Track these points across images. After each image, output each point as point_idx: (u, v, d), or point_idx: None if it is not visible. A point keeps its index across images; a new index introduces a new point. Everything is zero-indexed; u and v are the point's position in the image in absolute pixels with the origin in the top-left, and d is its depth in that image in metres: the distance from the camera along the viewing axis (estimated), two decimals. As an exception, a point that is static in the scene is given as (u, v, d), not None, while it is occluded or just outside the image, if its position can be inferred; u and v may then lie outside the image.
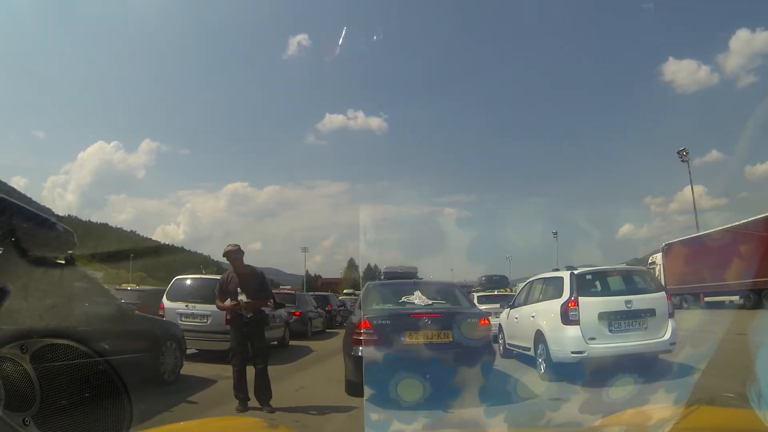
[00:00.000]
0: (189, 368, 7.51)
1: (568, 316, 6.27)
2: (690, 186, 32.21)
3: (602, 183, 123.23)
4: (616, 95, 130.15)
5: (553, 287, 7.10)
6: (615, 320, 6.22)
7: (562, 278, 6.81)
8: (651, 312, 6.35)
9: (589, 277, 6.82)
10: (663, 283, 16.62)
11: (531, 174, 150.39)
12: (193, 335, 8.52)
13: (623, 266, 8.52)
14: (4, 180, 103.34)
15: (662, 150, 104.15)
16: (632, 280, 7.01)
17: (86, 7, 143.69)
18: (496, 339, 7.85)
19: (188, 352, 8.75)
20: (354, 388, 5.49)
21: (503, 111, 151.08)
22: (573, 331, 6.19)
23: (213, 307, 8.67)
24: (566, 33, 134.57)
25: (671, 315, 6.53)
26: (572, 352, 6.10)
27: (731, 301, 17.34)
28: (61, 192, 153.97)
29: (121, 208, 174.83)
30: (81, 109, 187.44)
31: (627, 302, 6.30)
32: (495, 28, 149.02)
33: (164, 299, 9.15)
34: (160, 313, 9.04)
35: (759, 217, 17.31)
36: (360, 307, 5.89)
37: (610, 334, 6.20)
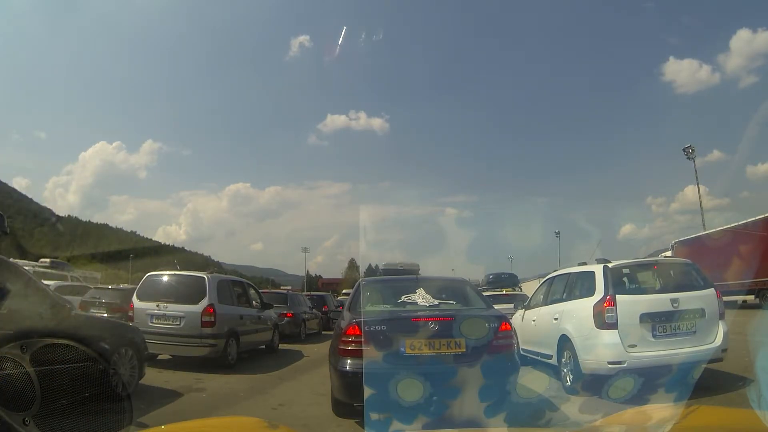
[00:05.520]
0: (156, 377, 6.53)
1: (603, 319, 5.18)
2: (693, 185, 31.56)
3: (603, 183, 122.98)
4: (617, 95, 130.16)
5: (581, 284, 6.00)
6: (660, 323, 5.14)
7: (593, 273, 5.69)
8: (700, 312, 5.28)
9: (626, 270, 5.73)
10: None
11: (532, 174, 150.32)
12: (165, 339, 7.51)
13: (665, 258, 7.42)
14: (5, 180, 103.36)
15: (663, 150, 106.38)
16: (676, 275, 5.88)
17: (88, 8, 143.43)
18: None
19: (160, 358, 7.78)
20: (342, 408, 4.45)
21: (504, 111, 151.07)
22: (610, 336, 5.11)
23: (187, 308, 7.70)
24: (567, 33, 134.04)
25: (722, 316, 5.45)
26: (609, 363, 5.01)
27: (744, 301, 16.40)
28: (62, 192, 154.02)
29: (123, 208, 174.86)
30: (83, 109, 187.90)
31: (673, 301, 5.21)
32: (496, 29, 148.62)
33: (134, 298, 8.11)
34: (129, 314, 8.06)
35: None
36: (349, 309, 4.76)
37: (653, 340, 5.12)
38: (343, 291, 39.78)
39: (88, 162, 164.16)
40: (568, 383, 5.58)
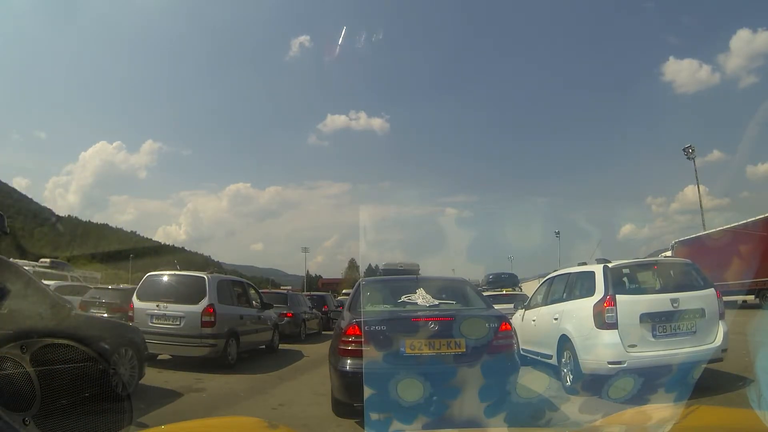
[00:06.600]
0: (157, 377, 6.54)
1: (603, 319, 5.18)
2: (693, 185, 31.75)
3: (603, 183, 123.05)
4: (617, 95, 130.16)
5: (581, 284, 6.00)
6: (659, 323, 5.14)
7: (593, 273, 5.69)
8: (700, 312, 5.28)
9: (626, 270, 5.73)
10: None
11: (532, 174, 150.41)
12: (165, 339, 7.51)
13: (665, 258, 7.42)
14: (5, 180, 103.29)
15: (663, 150, 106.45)
16: (676, 275, 5.88)
17: (88, 8, 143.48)
18: None
19: (160, 358, 7.78)
20: (342, 408, 4.45)
21: (505, 111, 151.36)
22: (610, 336, 5.11)
23: (187, 308, 7.70)
24: (567, 33, 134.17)
25: (722, 316, 5.45)
26: (609, 363, 5.01)
27: (745, 301, 16.39)
28: (62, 192, 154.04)
29: (123, 208, 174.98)
30: (83, 110, 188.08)
31: (673, 301, 5.21)
32: (496, 29, 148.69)
33: (134, 298, 8.10)
34: (129, 314, 8.06)
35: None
36: (349, 309, 4.75)
37: (653, 340, 5.12)
38: (343, 291, 39.75)
39: (88, 162, 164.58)
40: (568, 383, 5.58)
